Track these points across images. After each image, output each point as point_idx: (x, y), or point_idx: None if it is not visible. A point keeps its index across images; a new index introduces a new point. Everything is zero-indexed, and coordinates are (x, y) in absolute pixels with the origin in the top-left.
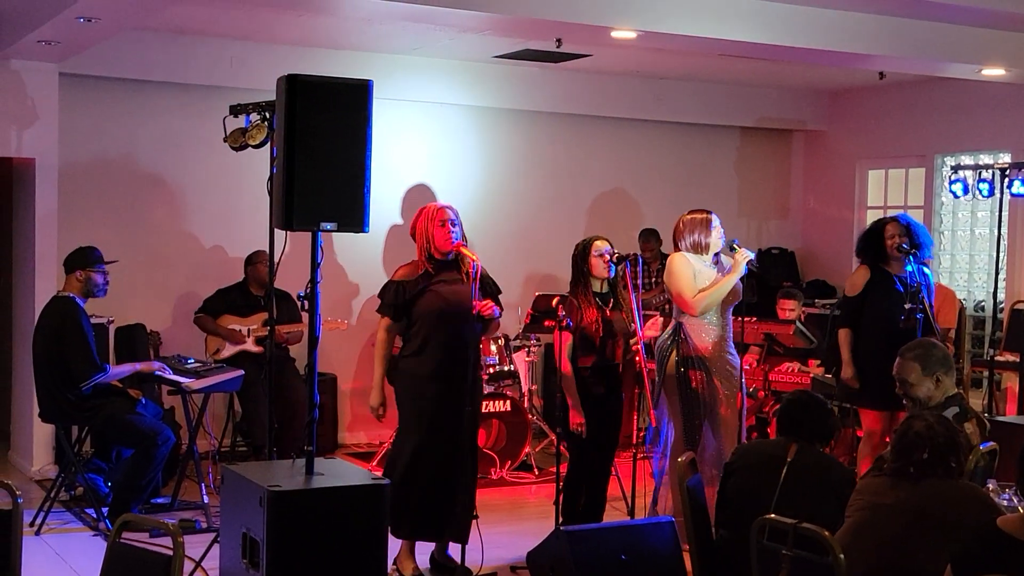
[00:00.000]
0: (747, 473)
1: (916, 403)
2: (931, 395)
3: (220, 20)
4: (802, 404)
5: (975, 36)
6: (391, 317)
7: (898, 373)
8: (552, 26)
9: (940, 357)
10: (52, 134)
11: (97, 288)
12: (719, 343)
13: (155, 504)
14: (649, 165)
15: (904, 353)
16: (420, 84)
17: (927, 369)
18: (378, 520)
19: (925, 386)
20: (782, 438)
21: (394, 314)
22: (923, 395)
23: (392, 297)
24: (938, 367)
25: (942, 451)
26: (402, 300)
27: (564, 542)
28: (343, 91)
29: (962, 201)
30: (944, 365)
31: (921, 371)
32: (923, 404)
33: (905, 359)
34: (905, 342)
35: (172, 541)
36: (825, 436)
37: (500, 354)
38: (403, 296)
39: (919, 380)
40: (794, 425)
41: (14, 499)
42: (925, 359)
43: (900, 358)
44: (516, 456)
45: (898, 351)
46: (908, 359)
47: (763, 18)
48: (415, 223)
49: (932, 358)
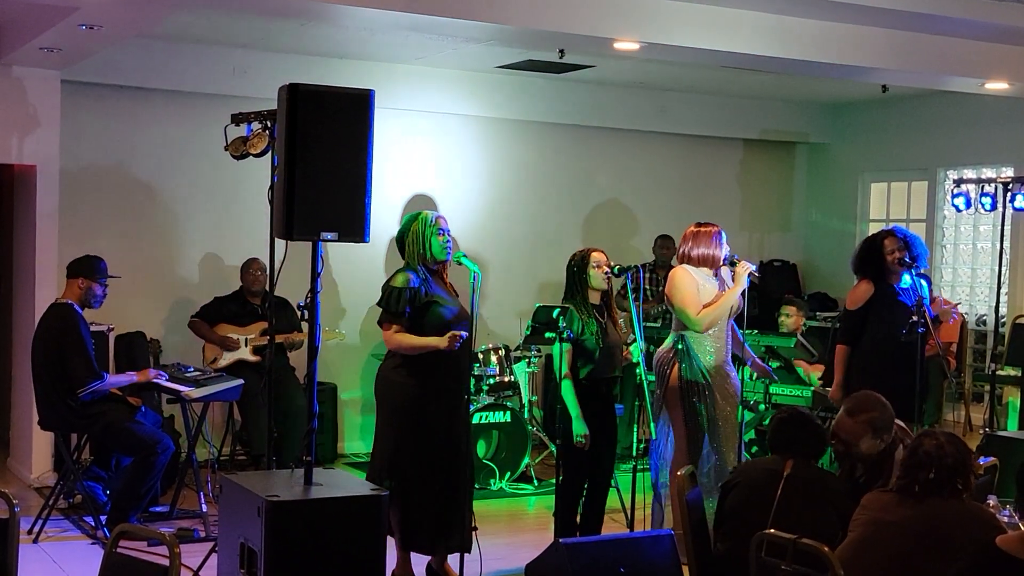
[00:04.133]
0: (745, 489)
1: (849, 459)
2: (871, 452)
3: (222, 28)
4: (794, 422)
5: (978, 50)
6: (402, 325)
7: (845, 433)
8: (555, 37)
9: (888, 418)
10: (53, 141)
11: (95, 300)
12: (719, 356)
13: (154, 512)
14: (652, 177)
15: (852, 413)
16: (422, 94)
17: (876, 435)
18: (377, 531)
19: (869, 447)
20: (777, 456)
21: (407, 323)
22: (866, 452)
23: (403, 304)
24: (885, 431)
25: (949, 471)
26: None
27: (563, 554)
28: (345, 100)
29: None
30: (889, 425)
31: (871, 437)
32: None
33: (855, 420)
34: (907, 356)
35: (168, 551)
36: (819, 451)
37: (500, 365)
38: (415, 302)
39: (867, 444)
40: (787, 443)
41: (11, 508)
42: (877, 424)
43: (846, 416)
44: (516, 467)
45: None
46: (860, 421)
47: (767, 31)
48: (409, 227)
49: (883, 422)
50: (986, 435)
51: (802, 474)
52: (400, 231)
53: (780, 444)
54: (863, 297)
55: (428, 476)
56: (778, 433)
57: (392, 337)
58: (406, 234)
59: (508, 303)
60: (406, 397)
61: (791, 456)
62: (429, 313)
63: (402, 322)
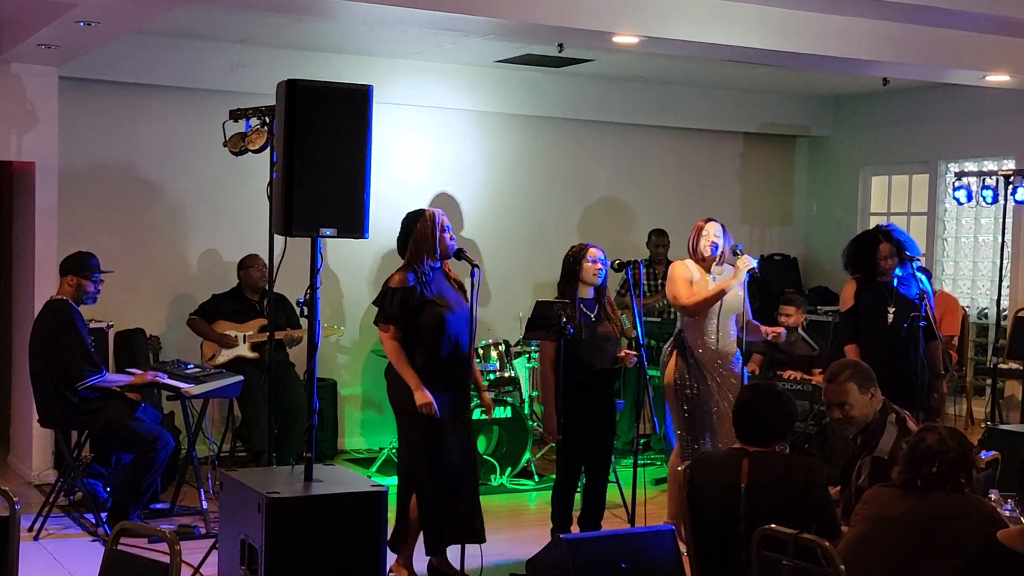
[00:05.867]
0: (709, 497)
1: (853, 424)
2: (866, 412)
3: (220, 24)
4: (756, 404)
5: (979, 42)
6: (397, 326)
7: (834, 398)
8: (554, 31)
9: (866, 370)
10: (52, 138)
11: (87, 296)
12: (719, 351)
13: (154, 509)
14: (652, 170)
15: (833, 378)
16: (421, 89)
17: (863, 387)
18: (376, 527)
19: (861, 404)
20: (733, 454)
21: (402, 324)
22: (860, 414)
23: (397, 305)
24: (868, 381)
25: (952, 466)
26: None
27: (564, 550)
28: (343, 96)
29: (966, 208)
30: (871, 377)
31: (858, 390)
32: (860, 423)
33: (838, 383)
34: (905, 350)
35: (169, 548)
36: (784, 430)
37: (501, 360)
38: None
39: (856, 399)
40: (750, 428)
41: (11, 505)
42: (859, 377)
43: (829, 383)
44: (516, 462)
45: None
46: (842, 382)
47: (767, 23)
48: (414, 225)
49: (862, 373)
50: (988, 429)
51: (760, 482)
52: (404, 230)
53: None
54: (850, 294)
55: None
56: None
57: (387, 343)
58: (410, 232)
59: (507, 297)
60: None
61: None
62: (424, 314)
63: (396, 323)
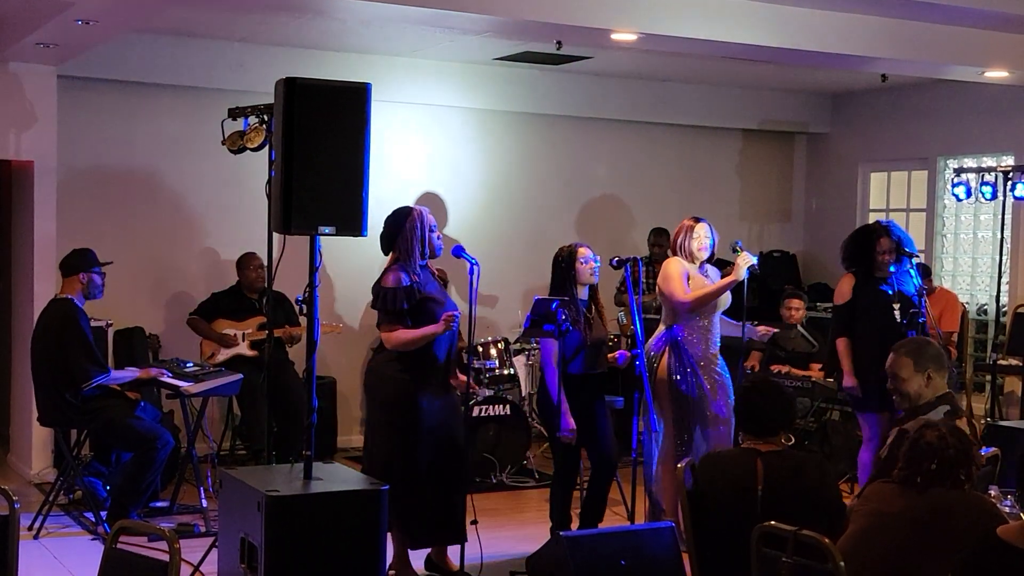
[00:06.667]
0: (720, 498)
1: (905, 399)
2: (921, 392)
3: (218, 22)
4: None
5: (978, 38)
6: (404, 326)
7: (890, 367)
8: (552, 28)
9: (933, 354)
10: (50, 137)
11: (97, 289)
12: (708, 348)
13: (154, 508)
14: (651, 168)
15: (898, 349)
16: (419, 86)
17: (919, 365)
18: (376, 525)
19: (916, 382)
20: (744, 455)
21: (407, 320)
22: (913, 391)
23: (401, 304)
24: (930, 364)
25: (951, 462)
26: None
27: (564, 547)
28: (341, 94)
29: (965, 204)
30: (936, 363)
31: (913, 367)
32: (912, 401)
33: (898, 354)
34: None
35: (168, 546)
36: (787, 420)
37: (500, 358)
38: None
39: (911, 375)
40: (755, 421)
41: (11, 505)
42: (918, 355)
43: (893, 353)
44: (516, 460)
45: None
46: (901, 354)
47: (765, 20)
48: (403, 223)
49: (925, 355)
50: (988, 425)
51: (777, 486)
52: (392, 228)
53: (748, 424)
54: (847, 289)
55: (424, 470)
56: (744, 411)
57: (392, 337)
58: (400, 231)
59: (505, 295)
60: (399, 391)
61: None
62: (424, 312)
63: (403, 322)
